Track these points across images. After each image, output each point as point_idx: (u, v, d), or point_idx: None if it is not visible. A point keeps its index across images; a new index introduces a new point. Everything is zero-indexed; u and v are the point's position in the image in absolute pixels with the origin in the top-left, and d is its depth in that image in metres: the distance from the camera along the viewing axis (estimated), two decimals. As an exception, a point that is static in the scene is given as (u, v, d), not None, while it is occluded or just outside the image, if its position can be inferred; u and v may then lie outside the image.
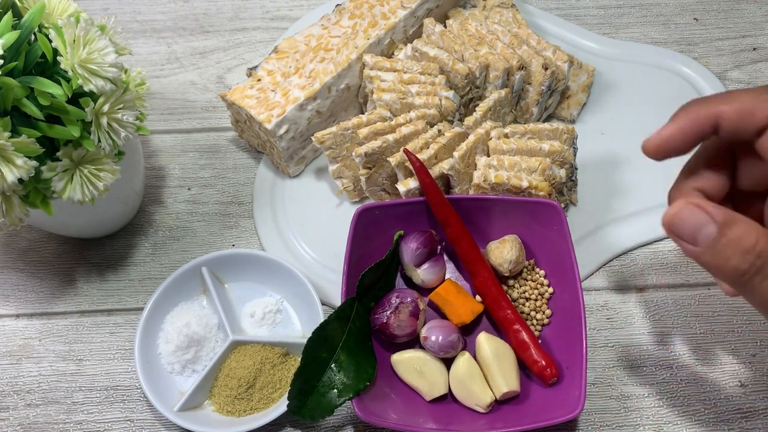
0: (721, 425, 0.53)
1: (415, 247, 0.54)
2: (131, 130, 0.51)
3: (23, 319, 0.59)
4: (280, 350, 0.55)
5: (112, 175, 0.51)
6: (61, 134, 0.47)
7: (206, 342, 0.56)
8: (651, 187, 0.64)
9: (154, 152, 0.68)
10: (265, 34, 0.76)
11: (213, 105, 0.71)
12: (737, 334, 0.57)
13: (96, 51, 0.46)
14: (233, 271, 0.59)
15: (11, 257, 0.62)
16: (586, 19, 0.76)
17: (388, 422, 0.49)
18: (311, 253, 0.61)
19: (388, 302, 0.52)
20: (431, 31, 0.65)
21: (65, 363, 0.57)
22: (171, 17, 0.77)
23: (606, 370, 0.56)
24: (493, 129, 0.58)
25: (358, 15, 0.65)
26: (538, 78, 0.63)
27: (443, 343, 0.51)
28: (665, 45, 0.74)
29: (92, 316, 0.59)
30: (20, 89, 0.45)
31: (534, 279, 0.56)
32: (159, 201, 0.65)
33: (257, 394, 0.53)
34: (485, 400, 0.50)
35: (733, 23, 0.75)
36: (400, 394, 0.52)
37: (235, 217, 0.64)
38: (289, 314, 0.58)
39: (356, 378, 0.50)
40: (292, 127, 0.61)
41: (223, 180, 0.66)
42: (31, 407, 0.55)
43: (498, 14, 0.68)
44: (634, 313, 0.58)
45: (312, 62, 0.63)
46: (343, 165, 0.61)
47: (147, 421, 0.55)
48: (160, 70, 0.73)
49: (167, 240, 0.63)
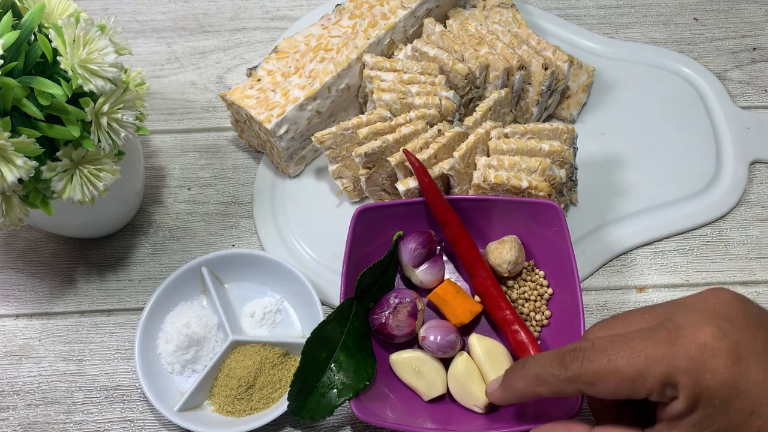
0: (720, 425, 0.53)
1: (413, 247, 0.54)
2: (131, 130, 0.51)
3: (23, 319, 0.59)
4: (280, 350, 0.55)
5: (112, 175, 0.51)
6: (61, 134, 0.47)
7: (206, 342, 0.56)
8: (651, 187, 0.64)
9: (154, 152, 0.68)
10: (265, 34, 0.76)
11: (213, 105, 0.71)
12: (737, 334, 0.57)
13: (96, 51, 0.46)
14: (233, 271, 0.59)
15: (11, 257, 0.62)
16: (586, 19, 0.76)
17: (387, 422, 0.49)
18: (311, 253, 0.61)
19: (386, 302, 0.52)
20: (431, 31, 0.65)
21: (65, 363, 0.57)
22: (171, 17, 0.77)
23: (606, 370, 0.56)
24: (493, 129, 0.58)
25: (358, 15, 0.65)
26: (538, 78, 0.63)
27: (441, 343, 0.51)
28: (665, 45, 0.74)
29: (92, 316, 0.59)
30: (20, 89, 0.45)
31: (533, 280, 0.56)
32: (159, 201, 0.65)
33: (257, 394, 0.53)
34: (483, 401, 0.50)
35: (733, 23, 0.75)
36: (398, 394, 0.52)
37: (235, 217, 0.64)
38: (289, 314, 0.58)
39: (356, 378, 0.50)
40: (292, 127, 0.61)
41: (223, 180, 0.66)
42: (31, 407, 0.55)
43: (498, 14, 0.68)
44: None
45: (312, 62, 0.63)
46: (343, 165, 0.61)
47: (147, 421, 0.55)
48: (160, 70, 0.73)
49: (167, 240, 0.63)
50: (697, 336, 0.37)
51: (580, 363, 0.39)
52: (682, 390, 0.36)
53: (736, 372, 0.36)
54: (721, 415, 0.36)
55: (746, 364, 0.36)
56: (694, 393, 0.36)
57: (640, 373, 0.37)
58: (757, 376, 0.36)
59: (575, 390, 0.40)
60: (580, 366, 0.39)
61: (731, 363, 0.36)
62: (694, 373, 0.36)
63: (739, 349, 0.36)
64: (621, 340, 0.38)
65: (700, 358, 0.36)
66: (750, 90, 0.71)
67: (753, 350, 0.37)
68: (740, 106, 0.69)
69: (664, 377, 0.37)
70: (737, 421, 0.36)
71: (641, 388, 0.37)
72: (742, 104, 0.70)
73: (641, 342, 0.38)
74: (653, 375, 0.37)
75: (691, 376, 0.36)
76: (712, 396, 0.36)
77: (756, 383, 0.36)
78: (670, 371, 0.37)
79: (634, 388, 0.38)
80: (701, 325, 0.37)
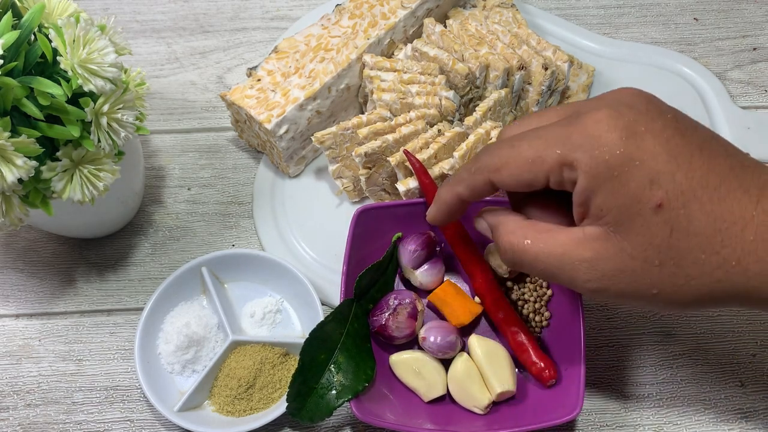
0: (721, 425, 0.53)
1: (413, 248, 0.54)
2: (131, 130, 0.51)
3: (23, 319, 0.59)
4: (280, 350, 0.55)
5: (112, 175, 0.51)
6: (61, 134, 0.47)
7: (206, 342, 0.56)
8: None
9: (154, 152, 0.68)
10: (265, 34, 0.76)
11: (213, 105, 0.71)
12: (737, 334, 0.57)
13: (96, 51, 0.46)
14: (233, 271, 0.59)
15: (11, 257, 0.62)
16: (586, 19, 0.76)
17: (386, 423, 0.49)
18: (311, 253, 0.61)
19: (386, 304, 0.52)
20: (431, 31, 0.65)
21: (65, 363, 0.57)
22: (171, 17, 0.77)
23: (606, 370, 0.56)
24: (493, 129, 0.58)
25: (358, 15, 0.65)
26: (538, 78, 0.63)
27: (441, 344, 0.51)
28: (665, 45, 0.74)
29: (92, 316, 0.59)
30: (20, 89, 0.45)
31: (533, 281, 0.56)
32: (159, 201, 0.65)
33: (257, 394, 0.53)
34: (483, 402, 0.50)
35: (733, 23, 0.75)
36: (398, 394, 0.52)
37: (235, 217, 0.64)
38: (289, 314, 0.58)
39: (355, 379, 0.50)
40: (292, 127, 0.61)
41: (223, 180, 0.66)
42: (31, 407, 0.55)
43: (498, 14, 0.68)
44: (634, 313, 0.58)
45: (312, 62, 0.63)
46: (343, 165, 0.61)
47: (147, 421, 0.55)
48: (160, 70, 0.73)
49: (167, 240, 0.63)
50: (594, 115, 0.38)
51: (488, 154, 0.41)
52: (579, 166, 0.37)
53: (631, 144, 0.37)
54: (623, 188, 0.37)
55: (642, 138, 0.37)
56: (590, 167, 0.37)
57: (539, 154, 0.38)
58: (655, 149, 0.37)
59: (484, 180, 0.42)
60: (488, 156, 0.41)
61: (626, 136, 0.37)
62: (589, 147, 0.37)
63: (635, 126, 0.37)
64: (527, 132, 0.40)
65: (595, 133, 0.37)
66: (750, 90, 0.71)
67: (651, 128, 0.37)
68: (740, 106, 0.69)
69: (560, 157, 0.38)
70: (638, 192, 0.37)
71: (540, 171, 0.39)
72: (742, 104, 0.70)
73: (543, 130, 0.39)
74: (550, 155, 0.38)
75: (586, 150, 0.37)
76: (609, 168, 0.37)
77: (654, 155, 0.37)
78: (566, 149, 0.38)
79: (534, 171, 0.39)
80: (600, 109, 0.38)
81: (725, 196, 0.37)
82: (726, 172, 0.37)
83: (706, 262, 0.37)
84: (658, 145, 0.37)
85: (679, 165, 0.37)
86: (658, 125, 0.38)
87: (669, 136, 0.37)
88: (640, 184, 0.36)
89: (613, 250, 0.38)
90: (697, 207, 0.37)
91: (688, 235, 0.37)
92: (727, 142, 0.40)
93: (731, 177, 0.37)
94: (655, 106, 0.39)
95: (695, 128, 0.39)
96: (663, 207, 0.36)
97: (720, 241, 0.37)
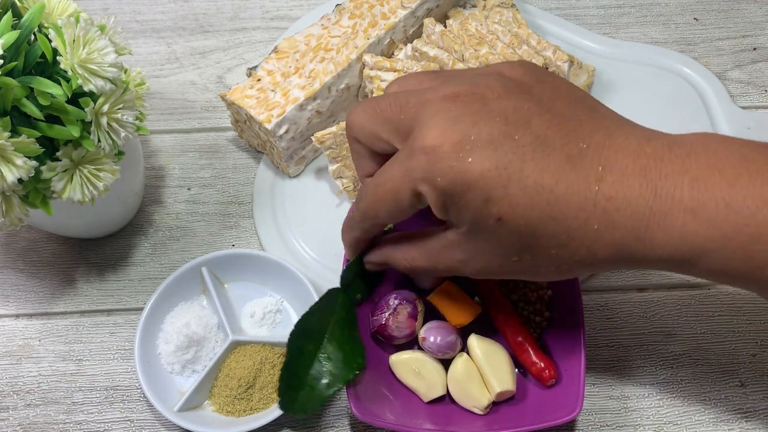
0: (721, 425, 0.53)
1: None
2: (131, 130, 0.51)
3: (23, 319, 0.59)
4: (280, 350, 0.55)
5: (112, 175, 0.51)
6: (61, 134, 0.47)
7: (206, 342, 0.56)
8: (651, 188, 0.64)
9: (154, 152, 0.68)
10: (265, 34, 0.76)
11: (213, 105, 0.71)
12: (737, 334, 0.57)
13: (96, 51, 0.46)
14: (233, 271, 0.59)
15: (11, 257, 0.62)
16: (586, 19, 0.76)
17: (386, 423, 0.49)
18: (311, 253, 0.61)
19: (386, 304, 0.52)
20: (431, 31, 0.65)
21: (65, 363, 0.57)
22: (171, 17, 0.77)
23: (606, 370, 0.56)
24: (493, 129, 0.58)
25: (358, 15, 0.65)
26: (538, 78, 0.63)
27: (441, 344, 0.51)
28: (665, 45, 0.74)
29: (92, 316, 0.60)
30: (20, 89, 0.45)
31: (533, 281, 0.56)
32: (159, 201, 0.65)
33: (257, 394, 0.53)
34: (483, 402, 0.50)
35: (733, 23, 0.75)
36: (398, 395, 0.52)
37: (235, 217, 0.64)
38: (289, 314, 0.58)
39: (345, 368, 0.50)
40: (292, 127, 0.61)
41: (223, 180, 0.66)
42: (31, 407, 0.55)
43: (498, 14, 0.68)
44: (634, 313, 0.58)
45: (312, 62, 0.63)
46: (343, 165, 0.61)
47: (147, 421, 0.55)
48: (160, 70, 0.73)
49: (167, 240, 0.63)
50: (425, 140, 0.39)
51: (361, 201, 0.44)
52: (427, 198, 0.40)
53: (459, 169, 0.38)
54: (465, 210, 0.39)
55: (467, 158, 0.38)
56: (436, 197, 0.39)
57: (397, 191, 0.41)
58: (482, 165, 0.38)
59: (372, 225, 0.46)
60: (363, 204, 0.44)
61: (454, 162, 0.38)
62: (428, 180, 0.39)
63: (460, 146, 0.38)
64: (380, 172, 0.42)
65: (428, 166, 0.39)
66: (750, 90, 0.71)
67: (476, 142, 0.38)
68: (740, 106, 0.69)
69: (411, 192, 0.40)
70: (477, 212, 0.39)
71: (405, 204, 0.41)
72: (742, 104, 0.70)
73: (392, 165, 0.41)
74: (404, 191, 0.40)
75: (427, 183, 0.39)
76: (450, 195, 0.39)
77: (482, 173, 0.38)
78: (413, 185, 0.40)
79: (400, 206, 0.42)
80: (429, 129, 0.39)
81: (563, 194, 0.38)
82: (562, 165, 0.38)
83: (559, 255, 0.39)
84: (486, 160, 0.38)
85: (510, 176, 0.38)
86: (485, 133, 0.38)
87: (498, 144, 0.38)
88: (477, 206, 0.38)
89: (476, 251, 0.42)
90: (536, 213, 0.38)
91: (535, 237, 0.39)
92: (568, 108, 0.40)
93: (567, 169, 0.38)
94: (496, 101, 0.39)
95: (528, 122, 0.39)
96: (503, 219, 0.38)
97: (566, 237, 0.39)
